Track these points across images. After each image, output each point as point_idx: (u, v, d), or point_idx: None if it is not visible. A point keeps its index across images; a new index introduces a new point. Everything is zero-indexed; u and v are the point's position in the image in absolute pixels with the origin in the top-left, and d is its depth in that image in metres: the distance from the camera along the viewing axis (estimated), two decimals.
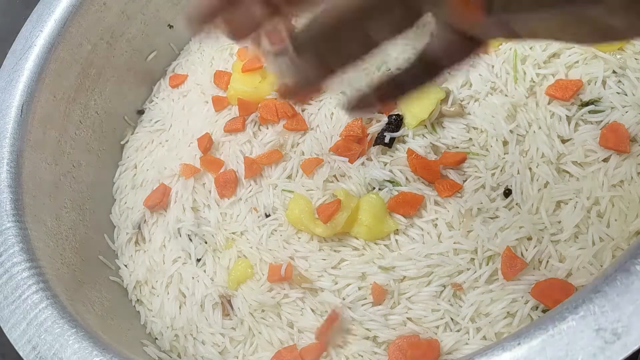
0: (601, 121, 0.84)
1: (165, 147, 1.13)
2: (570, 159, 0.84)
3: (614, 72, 0.86)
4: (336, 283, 0.85)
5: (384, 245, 0.86)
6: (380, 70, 0.97)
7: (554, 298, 0.73)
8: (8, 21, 1.50)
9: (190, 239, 0.99)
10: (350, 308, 0.83)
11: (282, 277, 0.86)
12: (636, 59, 0.86)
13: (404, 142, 0.91)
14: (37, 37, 1.06)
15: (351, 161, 0.91)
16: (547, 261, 0.80)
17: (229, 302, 0.92)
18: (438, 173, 0.87)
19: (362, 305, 0.83)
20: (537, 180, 0.84)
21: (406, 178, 0.89)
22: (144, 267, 1.02)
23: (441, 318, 0.80)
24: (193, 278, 0.96)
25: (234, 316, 0.91)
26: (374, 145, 0.91)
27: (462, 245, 0.82)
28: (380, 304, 0.82)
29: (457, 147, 0.89)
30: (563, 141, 0.85)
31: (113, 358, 0.76)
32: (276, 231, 0.92)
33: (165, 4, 1.23)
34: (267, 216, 0.94)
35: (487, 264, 0.81)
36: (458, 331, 0.80)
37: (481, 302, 0.79)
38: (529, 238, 0.80)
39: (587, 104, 0.85)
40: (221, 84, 1.11)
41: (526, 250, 0.80)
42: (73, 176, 1.07)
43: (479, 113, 0.89)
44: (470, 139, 0.89)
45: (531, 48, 0.90)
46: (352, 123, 0.92)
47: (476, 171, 0.87)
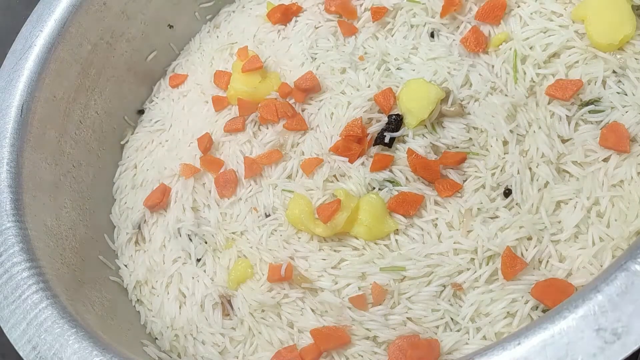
0: (601, 121, 0.84)
1: (165, 147, 1.13)
2: (570, 159, 0.84)
3: (614, 72, 0.86)
4: (336, 283, 0.85)
5: (384, 245, 0.86)
6: (380, 69, 0.97)
7: (554, 298, 0.73)
8: (8, 21, 1.50)
9: (190, 239, 0.99)
10: (350, 308, 0.83)
11: (282, 277, 0.86)
12: (636, 59, 0.86)
13: (404, 142, 0.91)
14: (37, 37, 1.06)
15: (351, 161, 0.91)
16: (547, 261, 0.80)
17: (229, 302, 0.92)
18: (438, 173, 0.87)
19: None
20: (537, 180, 0.84)
21: (406, 178, 0.89)
22: (144, 267, 1.02)
23: (441, 318, 0.80)
24: (193, 278, 0.96)
25: (234, 316, 0.91)
26: (374, 145, 0.91)
27: (462, 245, 0.82)
28: (380, 304, 0.82)
29: (457, 147, 0.89)
30: (563, 141, 0.85)
31: (113, 358, 0.76)
32: (276, 231, 0.92)
33: (165, 4, 1.24)
34: (267, 216, 0.94)
35: (487, 264, 0.81)
36: (458, 331, 0.80)
37: (481, 302, 0.79)
38: (529, 238, 0.80)
39: (587, 104, 0.85)
40: (221, 84, 1.10)
41: (526, 250, 0.80)
42: (73, 176, 1.07)
43: (479, 113, 0.89)
44: (470, 139, 0.89)
45: (531, 48, 0.90)
46: (352, 123, 0.91)
47: (476, 171, 0.87)
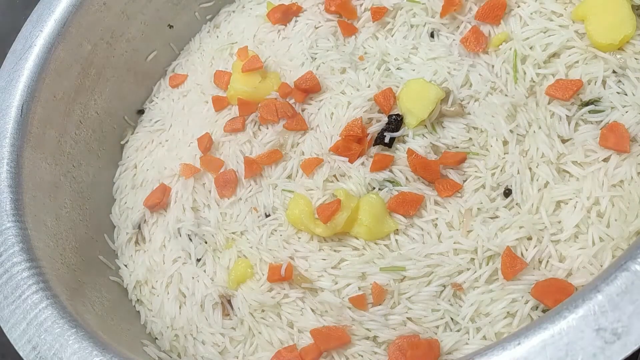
0: (601, 121, 0.84)
1: (165, 147, 1.13)
2: (570, 159, 0.84)
3: (614, 72, 0.86)
4: (336, 283, 0.85)
5: (384, 245, 0.86)
6: (380, 69, 0.97)
7: (554, 298, 0.73)
8: (8, 21, 1.50)
9: (190, 239, 0.99)
10: (350, 308, 0.83)
11: (282, 277, 0.86)
12: (636, 59, 0.86)
13: (404, 142, 0.91)
14: (37, 37, 1.06)
15: (351, 161, 0.91)
16: (547, 261, 0.80)
17: (229, 302, 0.92)
18: (438, 173, 0.87)
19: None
20: (537, 180, 0.84)
21: (406, 178, 0.89)
22: (144, 267, 1.02)
23: (441, 318, 0.80)
24: (193, 278, 0.96)
25: (234, 316, 0.91)
26: (374, 145, 0.91)
27: (462, 245, 0.82)
28: (380, 304, 0.82)
29: (457, 147, 0.89)
30: (563, 141, 0.85)
31: (113, 358, 0.76)
32: (276, 231, 0.92)
33: (165, 4, 1.24)
34: (267, 216, 0.94)
35: (487, 264, 0.81)
36: (458, 331, 0.80)
37: (481, 302, 0.79)
38: (529, 238, 0.80)
39: (587, 104, 0.85)
40: (221, 84, 1.10)
41: (526, 250, 0.80)
42: (73, 176, 1.07)
43: (479, 113, 0.89)
44: (470, 139, 0.89)
45: (531, 48, 0.90)
46: (352, 123, 0.91)
47: (476, 171, 0.87)
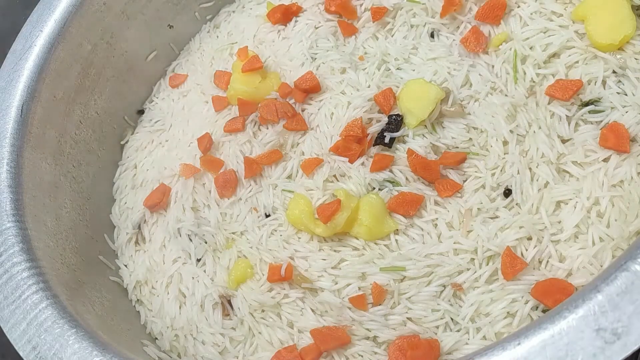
0: (601, 121, 0.84)
1: (165, 147, 1.13)
2: (570, 159, 0.84)
3: (614, 72, 0.86)
4: (336, 283, 0.85)
5: (384, 245, 0.86)
6: (380, 69, 0.97)
7: (554, 298, 0.73)
8: (8, 21, 1.50)
9: (190, 239, 0.98)
10: (350, 308, 0.83)
11: (282, 277, 0.86)
12: (636, 59, 0.86)
13: (404, 142, 0.91)
14: (37, 37, 1.06)
15: (351, 161, 0.91)
16: (547, 261, 0.80)
17: (229, 302, 0.92)
18: (438, 173, 0.87)
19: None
20: (537, 180, 0.84)
21: (406, 178, 0.89)
22: (144, 267, 1.02)
23: (441, 318, 0.80)
24: (193, 278, 0.96)
25: (234, 316, 0.91)
26: (374, 145, 0.91)
27: (462, 245, 0.82)
28: (380, 304, 0.82)
29: (457, 147, 0.89)
30: (563, 141, 0.85)
31: (113, 358, 0.76)
32: (276, 231, 0.92)
33: (165, 4, 1.24)
34: (267, 216, 0.94)
35: (487, 264, 0.81)
36: (458, 331, 0.80)
37: (481, 302, 0.79)
38: (529, 238, 0.80)
39: (587, 104, 0.85)
40: (221, 84, 1.10)
41: (526, 250, 0.80)
42: (73, 176, 1.07)
43: (479, 113, 0.89)
44: (470, 139, 0.89)
45: (531, 48, 0.90)
46: (352, 123, 0.91)
47: (476, 171, 0.87)
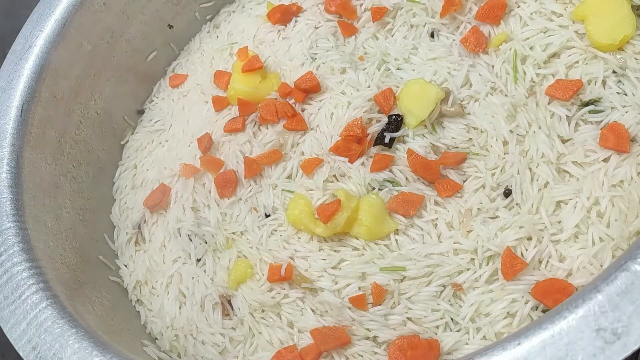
0: (601, 121, 0.84)
1: (165, 147, 1.13)
2: (570, 159, 0.84)
3: (614, 72, 0.86)
4: (336, 283, 0.85)
5: (384, 245, 0.86)
6: (380, 70, 0.97)
7: (554, 298, 0.73)
8: (8, 21, 1.50)
9: (190, 239, 0.98)
10: (350, 308, 0.83)
11: (282, 277, 0.86)
12: (636, 59, 0.86)
13: (404, 142, 0.91)
14: (37, 37, 1.06)
15: (351, 161, 0.91)
16: (547, 261, 0.80)
17: (229, 302, 0.92)
18: (438, 173, 0.87)
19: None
20: (537, 180, 0.84)
21: (406, 178, 0.89)
22: (144, 267, 1.02)
23: (441, 318, 0.80)
24: (193, 278, 0.96)
25: (234, 316, 0.91)
26: (374, 145, 0.91)
27: (462, 245, 0.82)
28: (380, 304, 0.82)
29: (457, 147, 0.89)
30: (563, 141, 0.85)
31: (113, 358, 0.76)
32: (276, 231, 0.92)
33: (165, 4, 1.23)
34: (267, 216, 0.94)
35: (487, 264, 0.81)
36: (458, 331, 0.80)
37: (481, 302, 0.79)
38: (529, 238, 0.80)
39: (587, 104, 0.85)
40: (221, 84, 1.10)
41: (526, 250, 0.80)
42: (73, 176, 1.07)
43: (479, 113, 0.89)
44: (470, 139, 0.89)
45: (531, 48, 0.90)
46: (352, 123, 0.91)
47: (476, 171, 0.87)
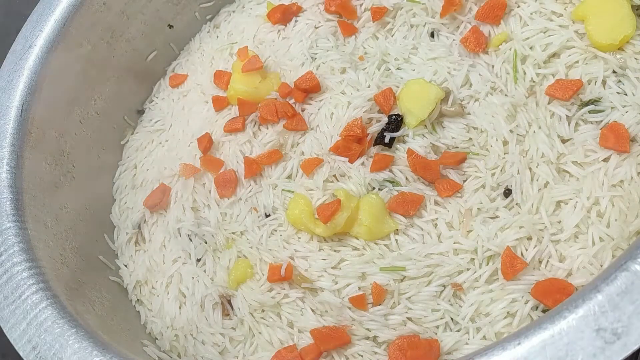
0: (601, 121, 0.84)
1: (165, 147, 1.13)
2: (570, 159, 0.84)
3: (614, 72, 0.86)
4: (336, 283, 0.85)
5: (384, 245, 0.86)
6: (380, 69, 0.97)
7: (554, 298, 0.73)
8: (8, 21, 1.50)
9: (190, 239, 0.98)
10: (350, 308, 0.83)
11: (282, 277, 0.86)
12: (636, 59, 0.86)
13: (404, 142, 0.91)
14: (37, 37, 1.06)
15: (351, 161, 0.91)
16: (547, 261, 0.80)
17: (229, 302, 0.92)
18: (438, 173, 0.87)
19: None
20: (537, 180, 0.84)
21: (406, 178, 0.89)
22: (144, 267, 1.02)
23: (441, 318, 0.80)
24: (193, 278, 0.96)
25: (234, 316, 0.91)
26: (374, 145, 0.91)
27: (462, 245, 0.82)
28: (380, 304, 0.82)
29: (457, 147, 0.89)
30: (563, 141, 0.85)
31: (113, 358, 0.76)
32: (276, 231, 0.92)
33: (165, 4, 1.23)
34: (267, 216, 0.94)
35: (487, 264, 0.81)
36: (458, 331, 0.80)
37: (481, 302, 0.79)
38: (529, 238, 0.80)
39: (587, 104, 0.85)
40: (221, 84, 1.10)
41: (526, 250, 0.80)
42: (73, 176, 1.07)
43: (479, 113, 0.89)
44: (470, 139, 0.89)
45: (531, 48, 0.90)
46: (352, 123, 0.91)
47: (476, 171, 0.87)
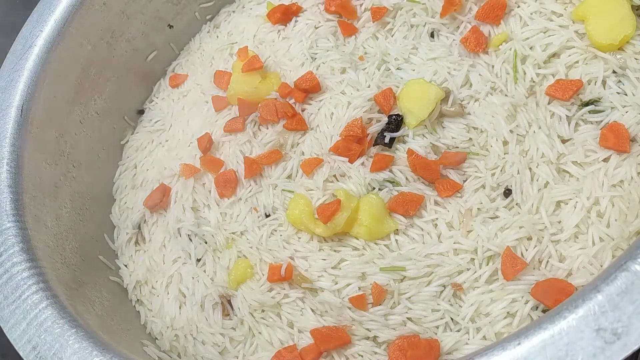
0: (601, 121, 0.84)
1: (165, 147, 1.13)
2: (570, 159, 0.84)
3: (614, 72, 0.86)
4: (336, 283, 0.85)
5: (384, 245, 0.86)
6: (380, 69, 0.97)
7: (554, 298, 0.73)
8: (8, 21, 1.50)
9: (190, 239, 0.99)
10: (350, 308, 0.83)
11: (282, 277, 0.86)
12: (636, 59, 0.86)
13: (404, 142, 0.91)
14: (37, 37, 1.06)
15: (351, 161, 0.91)
16: (547, 261, 0.80)
17: (229, 302, 0.92)
18: (438, 173, 0.87)
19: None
20: (537, 180, 0.84)
21: (406, 178, 0.89)
22: (144, 267, 1.02)
23: (441, 318, 0.80)
24: (193, 278, 0.96)
25: (234, 316, 0.91)
26: (374, 145, 0.91)
27: (462, 245, 0.82)
28: (380, 304, 0.82)
29: (457, 147, 0.89)
30: (563, 141, 0.85)
31: (113, 358, 0.76)
32: (276, 231, 0.92)
33: (165, 4, 1.23)
34: (267, 216, 0.94)
35: (487, 264, 0.81)
36: (458, 331, 0.80)
37: (481, 302, 0.79)
38: (529, 238, 0.80)
39: (587, 104, 0.85)
40: (221, 84, 1.10)
41: (526, 250, 0.80)
42: (73, 176, 1.07)
43: (479, 113, 0.89)
44: (470, 139, 0.89)
45: (531, 48, 0.90)
46: (352, 123, 0.91)
47: (476, 171, 0.87)
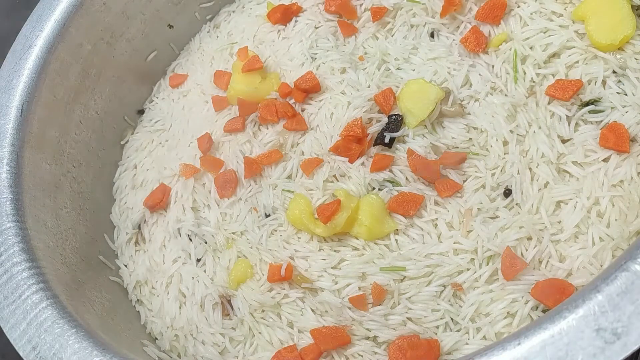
0: (601, 121, 0.84)
1: (165, 147, 1.13)
2: (570, 159, 0.84)
3: (614, 72, 0.86)
4: (336, 283, 0.85)
5: (384, 245, 0.86)
6: (380, 69, 0.97)
7: (554, 298, 0.73)
8: (8, 21, 1.50)
9: (190, 239, 0.98)
10: (350, 308, 0.83)
11: (282, 277, 0.86)
12: (636, 59, 0.86)
13: (404, 142, 0.91)
14: (37, 37, 1.06)
15: (351, 161, 0.91)
16: (547, 261, 0.80)
17: (229, 302, 0.92)
18: (438, 173, 0.87)
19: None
20: (537, 180, 0.84)
21: (406, 178, 0.89)
22: (144, 267, 1.02)
23: (441, 318, 0.80)
24: (193, 278, 0.96)
25: (234, 316, 0.91)
26: (374, 145, 0.91)
27: (462, 245, 0.82)
28: (380, 304, 0.82)
29: (457, 147, 0.89)
30: (563, 141, 0.85)
31: (113, 358, 0.76)
32: (276, 231, 0.92)
33: (165, 4, 1.24)
34: (267, 216, 0.94)
35: (487, 264, 0.81)
36: (458, 331, 0.80)
37: (481, 302, 0.79)
38: (529, 238, 0.80)
39: (587, 104, 0.85)
40: (221, 84, 1.10)
41: (526, 250, 0.80)
42: (73, 176, 1.07)
43: (479, 113, 0.89)
44: (470, 139, 0.89)
45: (531, 48, 0.90)
46: (352, 123, 0.91)
47: (476, 171, 0.87)
